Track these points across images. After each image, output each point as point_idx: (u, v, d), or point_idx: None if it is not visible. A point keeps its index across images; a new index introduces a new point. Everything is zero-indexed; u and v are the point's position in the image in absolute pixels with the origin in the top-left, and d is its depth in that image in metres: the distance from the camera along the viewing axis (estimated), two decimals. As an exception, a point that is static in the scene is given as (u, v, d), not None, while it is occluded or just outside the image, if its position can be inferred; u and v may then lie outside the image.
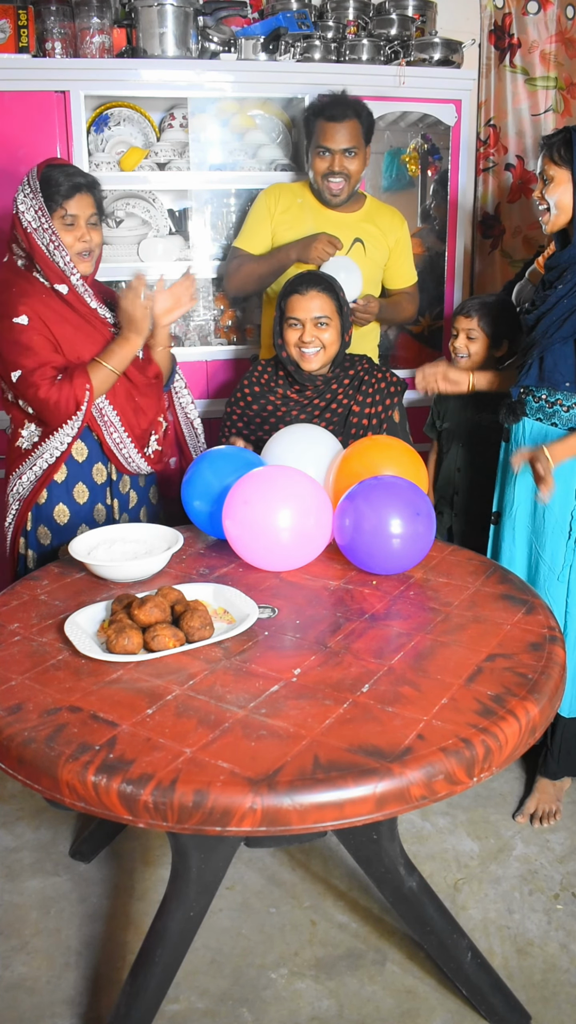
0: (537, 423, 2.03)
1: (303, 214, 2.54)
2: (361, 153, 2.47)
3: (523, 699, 1.29)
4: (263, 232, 2.56)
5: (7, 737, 1.23)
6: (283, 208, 2.54)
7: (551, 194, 1.96)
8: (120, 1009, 1.49)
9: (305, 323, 2.13)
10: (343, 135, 2.42)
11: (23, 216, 1.97)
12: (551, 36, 3.03)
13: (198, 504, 1.91)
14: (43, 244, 1.98)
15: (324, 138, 2.43)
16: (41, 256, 1.98)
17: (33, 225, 1.97)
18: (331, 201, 2.50)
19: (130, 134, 2.77)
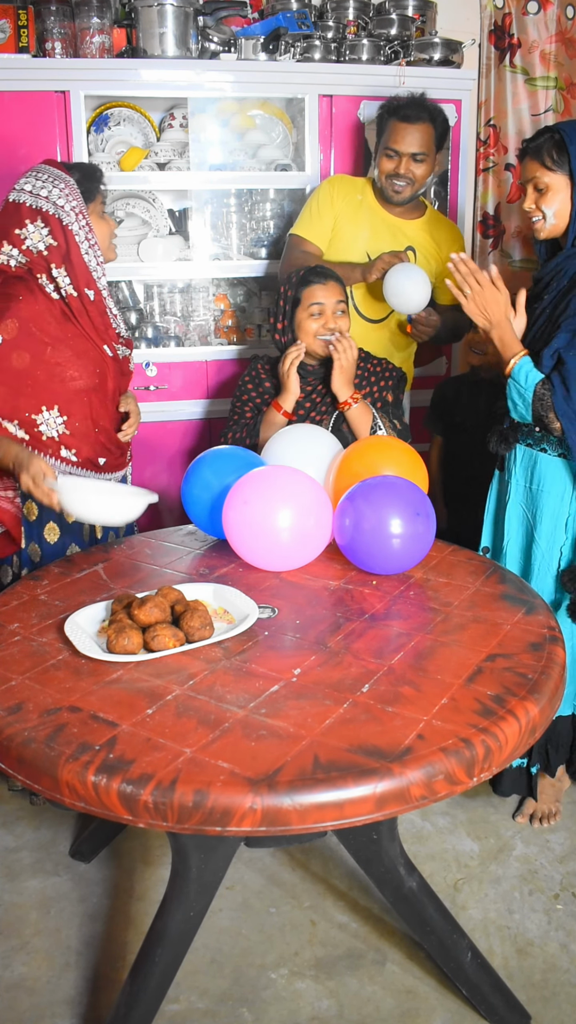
0: (528, 449, 1.96)
1: (361, 212, 2.49)
2: (430, 159, 2.42)
3: (523, 699, 1.29)
4: (325, 221, 2.50)
5: (7, 737, 1.23)
6: (344, 199, 2.49)
7: (549, 204, 1.84)
8: (120, 1009, 1.49)
9: (326, 309, 2.16)
10: (413, 139, 2.36)
11: (62, 211, 1.90)
12: (551, 36, 3.03)
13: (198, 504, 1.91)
14: (80, 241, 1.93)
15: (393, 139, 2.37)
16: (77, 256, 1.93)
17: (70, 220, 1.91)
18: (393, 198, 2.45)
19: (130, 134, 2.77)
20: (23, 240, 1.91)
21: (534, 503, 1.98)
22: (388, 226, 2.49)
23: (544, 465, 1.94)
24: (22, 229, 1.90)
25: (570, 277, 1.87)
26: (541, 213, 1.87)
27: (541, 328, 1.90)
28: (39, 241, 1.91)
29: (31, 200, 1.91)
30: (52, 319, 1.95)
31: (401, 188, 2.42)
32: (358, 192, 2.51)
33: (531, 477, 1.97)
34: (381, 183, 2.44)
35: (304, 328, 2.18)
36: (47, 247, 1.92)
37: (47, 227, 1.90)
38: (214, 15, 2.80)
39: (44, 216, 1.90)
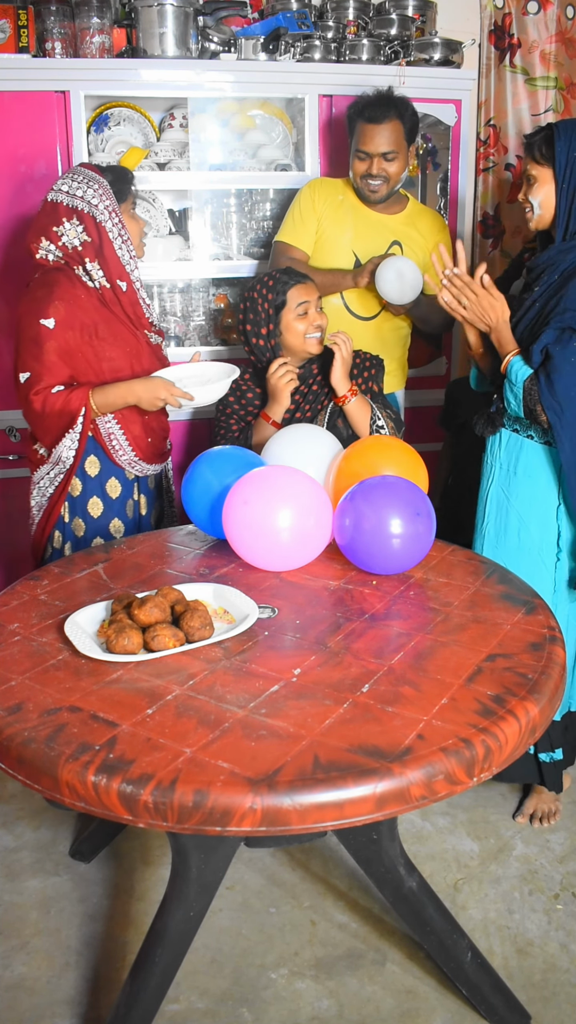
0: (514, 434, 2.00)
1: (344, 212, 2.51)
2: (402, 155, 2.42)
3: (523, 699, 1.29)
4: (309, 225, 2.52)
5: (7, 737, 1.23)
6: (325, 202, 2.51)
7: (535, 195, 1.92)
8: (120, 1009, 1.49)
9: (311, 308, 2.20)
10: (382, 138, 2.36)
11: (96, 209, 2.02)
12: (551, 36, 3.03)
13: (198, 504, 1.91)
14: (113, 237, 2.05)
15: (363, 141, 2.38)
16: (110, 250, 2.05)
17: (104, 218, 2.03)
18: (370, 198, 2.47)
19: (130, 134, 2.77)
20: (60, 237, 2.04)
21: (515, 487, 2.02)
22: (371, 223, 2.51)
23: (529, 451, 1.98)
24: (59, 227, 2.04)
25: (561, 272, 1.90)
26: (529, 204, 1.94)
27: (532, 322, 1.93)
28: (74, 237, 2.04)
29: (67, 200, 2.03)
30: (90, 305, 2.07)
31: (376, 187, 2.44)
32: (339, 193, 2.53)
33: (515, 462, 2.01)
34: (357, 184, 2.47)
35: (293, 329, 2.20)
36: (81, 243, 2.04)
37: (82, 224, 2.03)
38: (214, 15, 2.80)
39: (79, 214, 2.02)
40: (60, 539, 2.20)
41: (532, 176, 1.92)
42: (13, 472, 2.72)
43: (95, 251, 2.05)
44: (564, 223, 1.91)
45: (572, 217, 1.89)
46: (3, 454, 2.73)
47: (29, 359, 2.02)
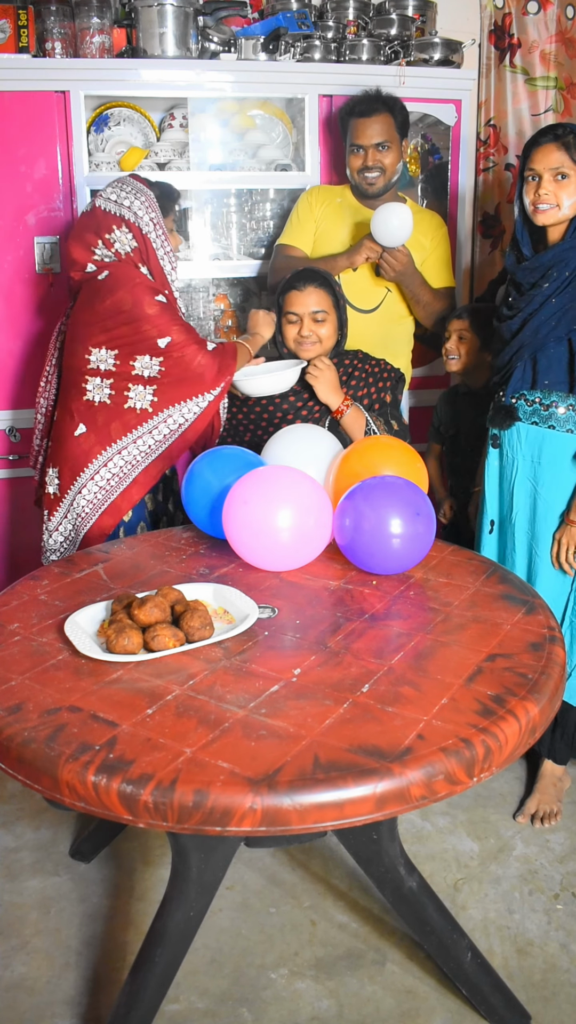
0: (533, 427, 2.03)
1: (343, 213, 2.57)
2: (395, 146, 2.49)
3: (523, 699, 1.29)
4: (307, 228, 2.58)
5: (7, 737, 1.23)
6: (324, 205, 2.58)
7: (571, 194, 1.91)
8: (120, 1009, 1.49)
9: (303, 318, 2.21)
10: (374, 130, 2.44)
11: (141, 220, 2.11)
12: (551, 36, 3.03)
13: (198, 504, 1.91)
14: (156, 248, 2.14)
15: (356, 136, 2.46)
16: (155, 262, 2.14)
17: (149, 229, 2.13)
18: (368, 191, 2.52)
19: (130, 134, 2.77)
20: (112, 243, 2.13)
21: (542, 476, 2.04)
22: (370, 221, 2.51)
23: (552, 441, 2.00)
24: (111, 234, 2.12)
25: (573, 268, 1.93)
26: (556, 201, 1.92)
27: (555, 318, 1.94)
28: (126, 244, 2.13)
29: (115, 208, 2.12)
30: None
31: (374, 179, 2.50)
32: (336, 196, 2.59)
33: (539, 452, 2.03)
34: (355, 180, 2.53)
35: (285, 331, 2.25)
36: (132, 248, 2.13)
37: (130, 232, 2.12)
38: (214, 15, 2.80)
39: (127, 223, 2.11)
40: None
41: (563, 172, 1.91)
42: (14, 472, 2.73)
43: (142, 258, 2.14)
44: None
45: None
46: (3, 454, 2.73)
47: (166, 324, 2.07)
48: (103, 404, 2.10)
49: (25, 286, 2.65)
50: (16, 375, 2.71)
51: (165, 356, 2.07)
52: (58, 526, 2.17)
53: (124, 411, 2.09)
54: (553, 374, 1.95)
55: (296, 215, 2.61)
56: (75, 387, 2.12)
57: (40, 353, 2.71)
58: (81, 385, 2.11)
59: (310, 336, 2.22)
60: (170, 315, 2.09)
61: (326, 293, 2.23)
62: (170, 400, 2.10)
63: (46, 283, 2.65)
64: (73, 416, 2.12)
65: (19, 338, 2.68)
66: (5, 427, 2.72)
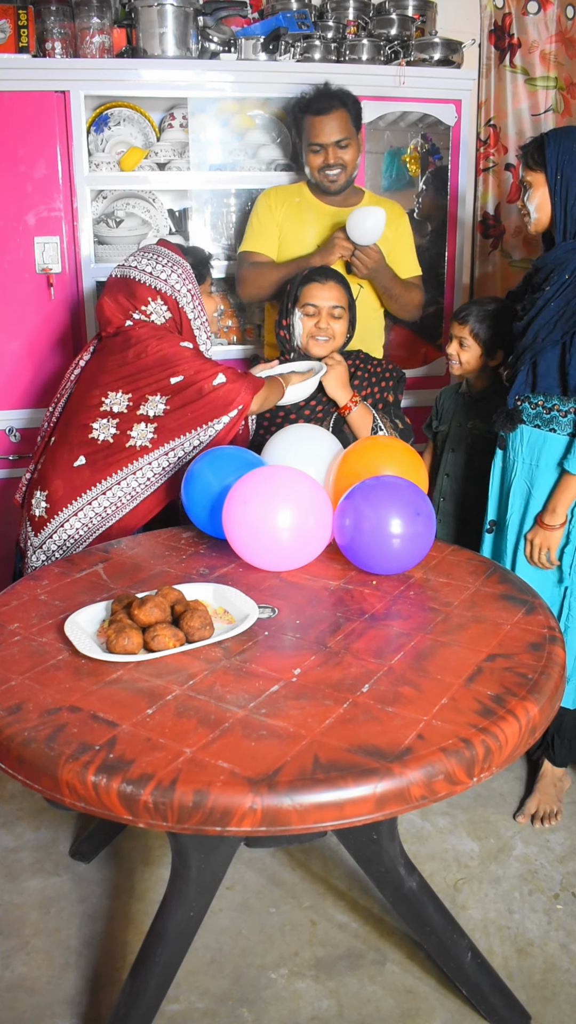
0: (535, 430, 2.03)
1: (302, 212, 2.56)
2: (354, 141, 2.49)
3: (523, 699, 1.29)
4: (270, 233, 2.56)
5: (7, 737, 1.23)
6: (283, 206, 2.56)
7: (531, 200, 1.98)
8: (120, 1009, 1.49)
9: (322, 311, 2.21)
10: (333, 127, 2.44)
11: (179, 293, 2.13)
12: (551, 36, 3.03)
13: (198, 504, 1.91)
14: (192, 318, 2.16)
15: (314, 134, 2.45)
16: (188, 332, 2.17)
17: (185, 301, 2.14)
18: (330, 188, 2.51)
19: (130, 134, 2.77)
20: (150, 314, 2.14)
21: (538, 479, 2.05)
22: (331, 216, 2.54)
23: (552, 444, 2.01)
24: (147, 306, 2.13)
25: (572, 271, 1.94)
26: (527, 209, 2.01)
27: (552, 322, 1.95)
28: (161, 316, 2.14)
29: (151, 281, 2.13)
30: None
31: (335, 176, 2.50)
32: (295, 195, 2.58)
33: (538, 455, 2.04)
34: (316, 179, 2.52)
35: (299, 325, 2.23)
36: (165, 320, 2.15)
37: (166, 305, 2.13)
38: (214, 15, 2.80)
39: (163, 296, 2.13)
40: None
41: (527, 182, 1.99)
42: (13, 472, 2.73)
43: (176, 328, 2.16)
44: (562, 224, 1.95)
45: (569, 217, 1.94)
46: (3, 454, 2.73)
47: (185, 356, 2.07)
48: (106, 442, 2.08)
49: (25, 286, 2.65)
50: (16, 375, 2.71)
51: (174, 394, 2.07)
52: (41, 545, 2.13)
53: (124, 448, 2.09)
54: (551, 378, 1.96)
55: (257, 220, 2.59)
56: (81, 424, 2.09)
57: (40, 353, 2.71)
58: (88, 424, 2.08)
59: (327, 330, 2.22)
60: (192, 354, 2.10)
61: (344, 291, 2.24)
62: (171, 435, 2.09)
63: (46, 283, 2.65)
64: (73, 449, 2.09)
65: (19, 338, 2.68)
66: (5, 427, 2.72)
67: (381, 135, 2.87)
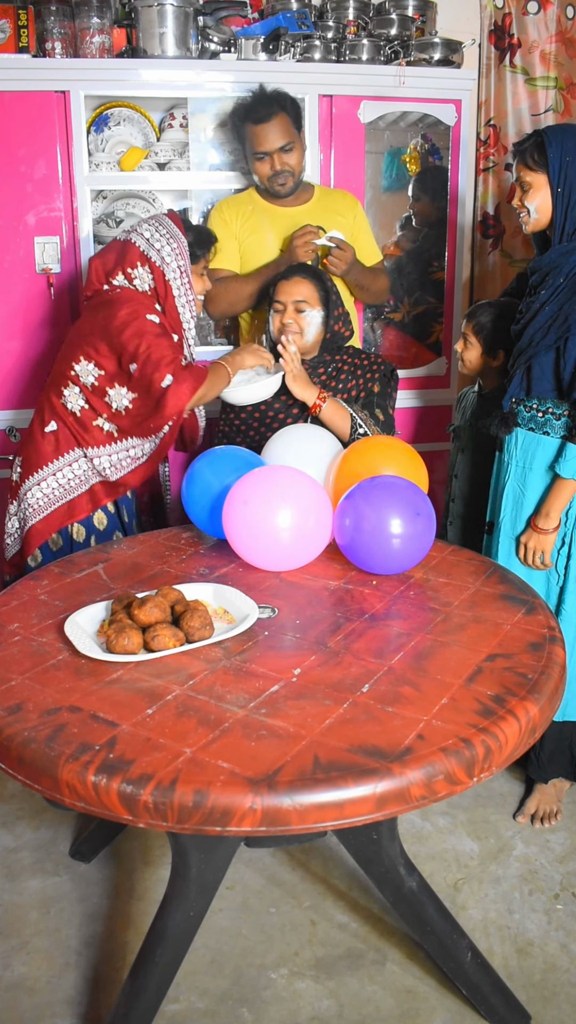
0: (529, 433, 2.03)
1: (258, 218, 2.54)
2: (298, 144, 2.48)
3: (523, 699, 1.29)
4: (230, 247, 2.53)
5: (7, 737, 1.23)
6: (238, 218, 2.54)
7: (530, 200, 1.96)
8: (120, 1009, 1.49)
9: (287, 306, 2.22)
10: (275, 134, 2.42)
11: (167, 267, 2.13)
12: (551, 36, 3.03)
13: (198, 504, 1.91)
14: (177, 295, 2.16)
15: (258, 143, 2.43)
16: (171, 307, 2.16)
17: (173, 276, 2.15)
18: (280, 192, 2.51)
19: (130, 134, 2.77)
20: (133, 278, 2.15)
21: (531, 482, 2.05)
22: (287, 218, 2.54)
23: (546, 447, 2.00)
24: (134, 269, 2.14)
25: (566, 275, 1.93)
26: (525, 209, 1.99)
27: (545, 325, 1.94)
28: (145, 282, 2.15)
29: (145, 247, 2.14)
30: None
31: (284, 181, 2.49)
32: (247, 204, 2.57)
33: (532, 458, 2.04)
34: (265, 185, 2.51)
35: (272, 324, 2.26)
36: (149, 288, 2.15)
37: (152, 274, 2.14)
38: (214, 15, 2.80)
39: (151, 265, 2.13)
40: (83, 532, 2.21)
41: (526, 183, 1.96)
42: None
43: (159, 299, 2.16)
44: (561, 225, 1.94)
45: (568, 220, 1.93)
46: (3, 454, 2.73)
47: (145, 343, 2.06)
48: (73, 413, 2.14)
49: (25, 286, 2.65)
50: (16, 375, 2.71)
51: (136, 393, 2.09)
52: (15, 513, 2.21)
53: (92, 427, 2.14)
54: (546, 381, 1.95)
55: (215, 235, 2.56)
56: (55, 389, 2.15)
57: (40, 353, 2.71)
58: (60, 388, 2.14)
59: (291, 325, 2.21)
60: (154, 334, 2.08)
61: (314, 285, 2.23)
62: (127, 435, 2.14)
63: (46, 283, 2.65)
64: (45, 413, 2.16)
65: (18, 338, 2.68)
66: (5, 427, 2.72)
67: (381, 135, 2.86)
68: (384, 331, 2.99)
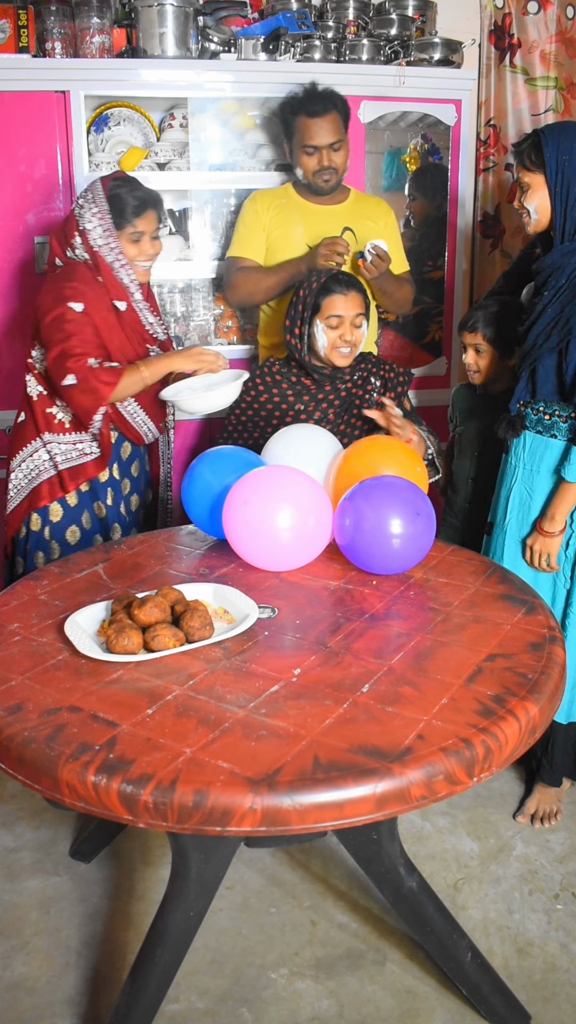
0: (537, 436, 2.02)
1: (290, 212, 2.56)
2: (345, 144, 2.51)
3: (523, 699, 1.29)
4: (257, 237, 2.57)
5: (7, 737, 1.23)
6: (270, 209, 2.56)
7: (529, 201, 1.95)
8: (120, 1009, 1.49)
9: (345, 321, 2.12)
10: (327, 130, 2.44)
11: (90, 234, 2.08)
12: (551, 36, 3.03)
13: (198, 504, 1.91)
14: (110, 261, 2.11)
15: (310, 136, 2.45)
16: (108, 273, 2.11)
17: (99, 243, 2.09)
18: (323, 189, 2.52)
19: (130, 134, 2.77)
20: (75, 248, 2.12)
21: (538, 485, 2.04)
22: (319, 215, 2.55)
23: (554, 450, 2.00)
24: (72, 239, 2.12)
25: (568, 276, 1.92)
26: (526, 210, 1.98)
27: (547, 327, 1.94)
28: (82, 253, 2.12)
29: (79, 215, 2.10)
30: (104, 308, 2.12)
31: (329, 177, 2.51)
32: (281, 197, 2.59)
33: (539, 461, 2.03)
34: (308, 180, 2.52)
35: (321, 337, 2.13)
36: (84, 260, 2.13)
37: (84, 244, 2.11)
38: (214, 15, 2.80)
39: (81, 233, 2.10)
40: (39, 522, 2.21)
41: (525, 183, 1.95)
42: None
43: (94, 271, 2.12)
44: (561, 226, 1.93)
45: (568, 220, 1.92)
46: (3, 454, 2.73)
47: (61, 336, 2.04)
48: (32, 400, 2.18)
49: (25, 286, 2.65)
50: (15, 376, 2.71)
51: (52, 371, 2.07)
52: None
53: (47, 415, 2.16)
54: (550, 384, 1.94)
55: (243, 225, 2.59)
56: (23, 379, 2.20)
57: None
58: (25, 377, 2.19)
59: (351, 340, 2.13)
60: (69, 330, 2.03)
61: (363, 298, 2.15)
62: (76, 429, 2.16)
63: (46, 283, 2.65)
64: (20, 405, 2.22)
65: (18, 339, 2.68)
66: (5, 427, 2.72)
67: (381, 135, 2.86)
68: (382, 331, 2.99)
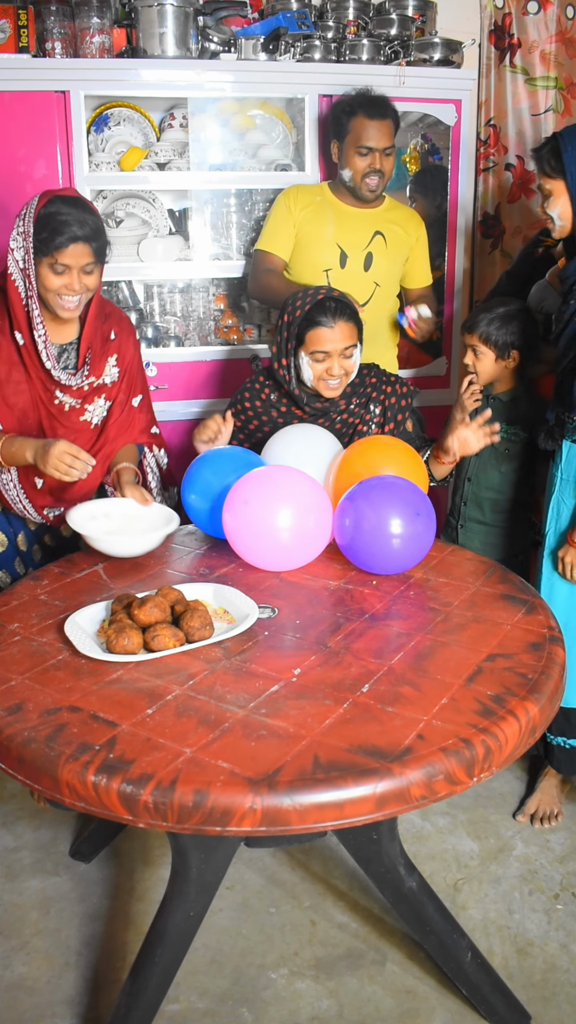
0: (573, 445, 1.96)
1: (323, 211, 2.56)
2: (394, 152, 2.53)
3: (523, 699, 1.29)
4: (286, 232, 2.57)
5: (7, 737, 1.23)
6: (303, 206, 2.56)
7: (552, 208, 1.91)
8: (120, 1009, 1.49)
9: (333, 355, 1.97)
10: (384, 134, 2.45)
11: (10, 255, 1.84)
12: (551, 36, 3.03)
13: (197, 503, 1.91)
14: (20, 289, 1.86)
15: (365, 137, 2.45)
16: (14, 300, 1.87)
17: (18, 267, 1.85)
18: (367, 197, 2.53)
19: (130, 134, 2.77)
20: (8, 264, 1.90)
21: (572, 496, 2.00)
22: (352, 217, 2.56)
23: None
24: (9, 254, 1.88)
25: None
26: (549, 217, 1.94)
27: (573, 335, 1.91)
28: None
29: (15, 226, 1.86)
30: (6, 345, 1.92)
31: (375, 184, 2.50)
32: (316, 195, 2.59)
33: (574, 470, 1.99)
34: (355, 183, 2.51)
35: (307, 370, 2.00)
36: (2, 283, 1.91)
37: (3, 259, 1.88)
38: (214, 15, 2.80)
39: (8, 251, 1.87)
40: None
41: (547, 190, 1.90)
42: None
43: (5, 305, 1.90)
44: None
45: None
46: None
47: None
48: None
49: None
50: None
51: None
52: None
53: None
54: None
55: (273, 219, 2.60)
56: None
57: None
58: None
59: (340, 373, 1.99)
60: None
61: (354, 324, 2.00)
62: None
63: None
64: None
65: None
66: (5, 427, 2.71)
67: (381, 135, 2.86)
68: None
